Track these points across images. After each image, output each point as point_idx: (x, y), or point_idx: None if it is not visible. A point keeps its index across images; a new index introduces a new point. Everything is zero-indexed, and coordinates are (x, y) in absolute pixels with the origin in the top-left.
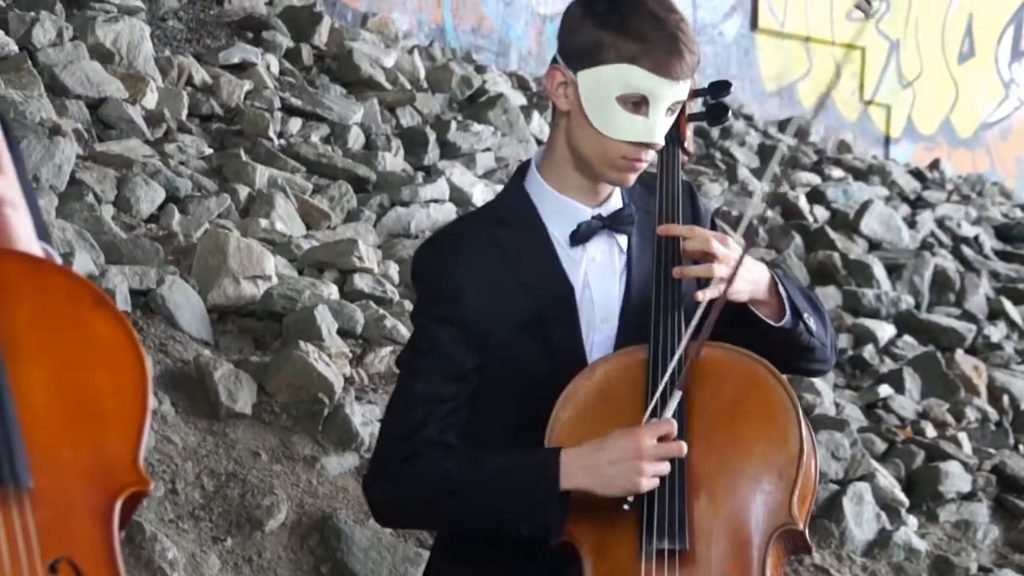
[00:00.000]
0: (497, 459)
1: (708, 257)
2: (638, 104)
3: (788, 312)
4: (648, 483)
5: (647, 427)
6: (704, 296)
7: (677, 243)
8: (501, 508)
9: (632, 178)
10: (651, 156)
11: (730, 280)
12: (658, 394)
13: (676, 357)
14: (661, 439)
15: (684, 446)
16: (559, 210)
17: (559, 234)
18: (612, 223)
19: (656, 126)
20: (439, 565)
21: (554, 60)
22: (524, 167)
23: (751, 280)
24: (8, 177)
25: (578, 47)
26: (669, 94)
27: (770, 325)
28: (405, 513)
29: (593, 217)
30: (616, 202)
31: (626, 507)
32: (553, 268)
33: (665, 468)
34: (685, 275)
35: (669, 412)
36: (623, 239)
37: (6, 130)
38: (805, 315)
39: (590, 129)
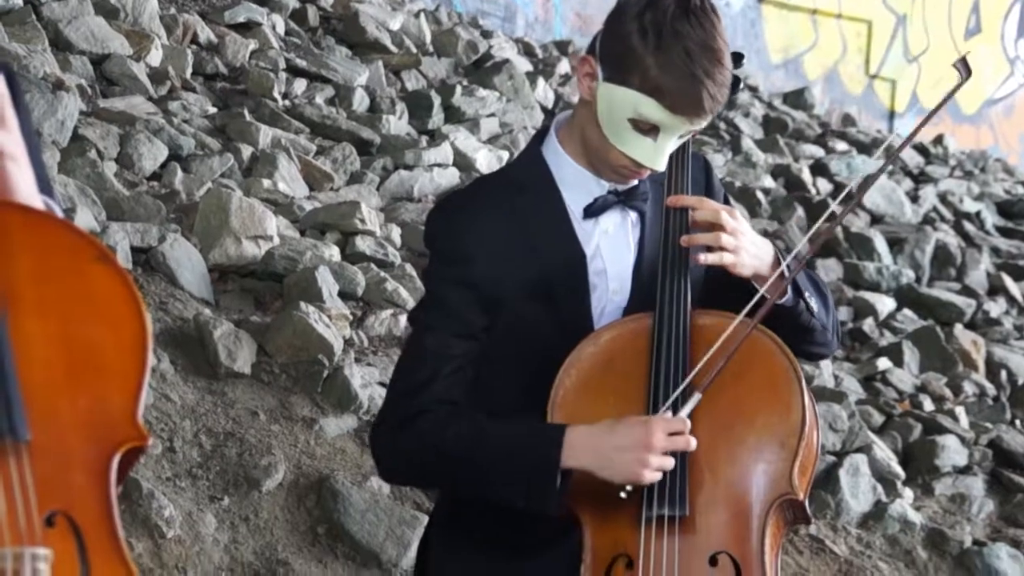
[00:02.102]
0: (501, 430)
1: (716, 228)
2: (649, 130)
3: (790, 290)
4: (651, 476)
5: (661, 421)
6: (705, 259)
7: (686, 213)
8: (500, 481)
9: (630, 182)
10: (648, 173)
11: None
12: (679, 390)
13: (704, 358)
14: (671, 436)
15: (693, 441)
16: (576, 179)
17: (574, 203)
18: (627, 198)
19: (663, 153)
20: (440, 530)
21: (591, 48)
22: (543, 132)
23: (755, 255)
24: (10, 130)
25: (613, 53)
26: (683, 128)
27: (773, 303)
28: (404, 470)
29: (609, 192)
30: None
31: (623, 495)
32: (566, 236)
33: (669, 463)
34: (692, 243)
35: (686, 411)
36: (636, 213)
37: (12, 82)
38: (806, 294)
39: (600, 131)
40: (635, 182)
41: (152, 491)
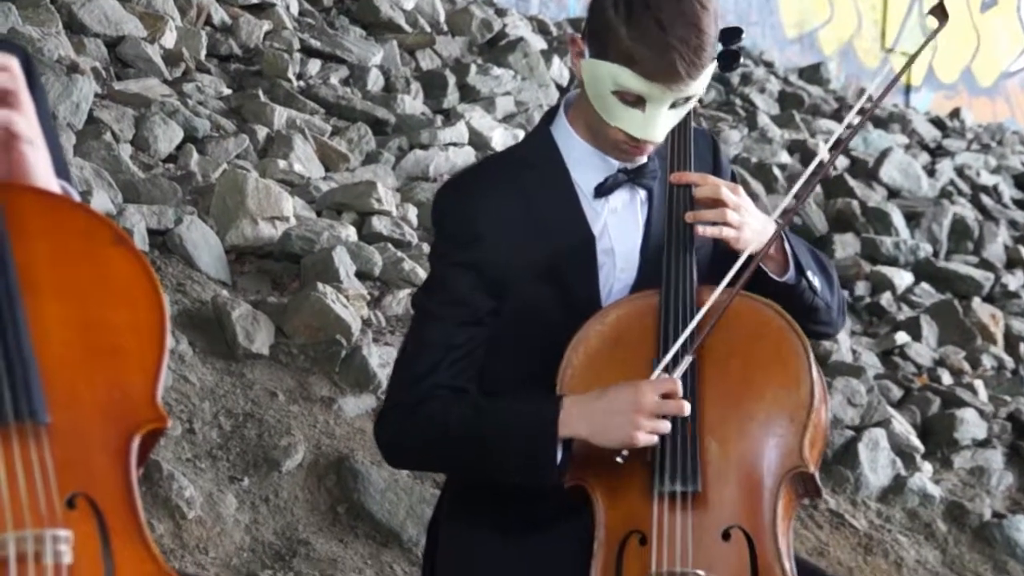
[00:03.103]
0: (499, 405)
1: (718, 204)
2: (635, 101)
3: (792, 268)
4: (645, 438)
5: (650, 382)
6: (704, 231)
7: (690, 189)
8: (500, 456)
9: (639, 158)
10: (651, 147)
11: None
12: (671, 353)
13: (695, 321)
14: (665, 397)
15: (686, 405)
16: (585, 158)
17: (583, 182)
18: (636, 177)
19: (655, 123)
20: (450, 507)
21: (578, 35)
22: (552, 111)
23: (760, 232)
24: (27, 114)
25: (593, 29)
26: (667, 96)
27: (773, 280)
28: (409, 456)
29: (619, 171)
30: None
31: (619, 460)
32: (575, 216)
33: (665, 426)
34: (697, 219)
35: (678, 373)
36: (644, 192)
37: (29, 66)
38: (809, 273)
39: (594, 109)
40: (643, 160)
41: (172, 472)
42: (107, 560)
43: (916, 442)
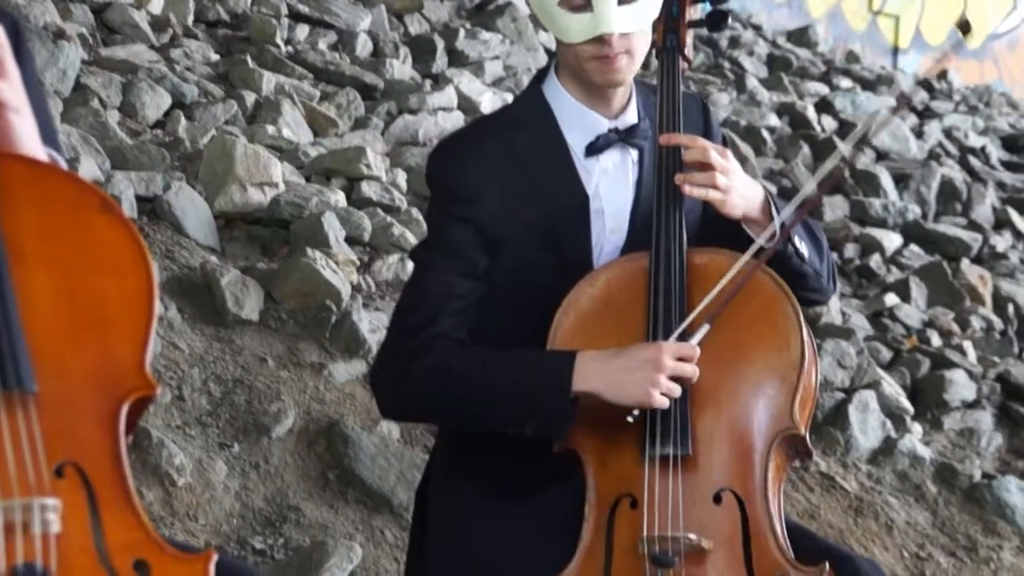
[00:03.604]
0: (508, 356)
1: (707, 167)
2: (580, 7)
3: (777, 232)
4: (659, 399)
5: (672, 345)
6: (691, 191)
7: (679, 151)
8: (509, 406)
9: (617, 73)
10: (622, 46)
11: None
12: (690, 318)
13: (715, 291)
14: (680, 361)
15: (696, 370)
16: (576, 118)
17: (574, 141)
18: (627, 136)
19: (607, 15)
20: (439, 470)
21: None
22: (543, 71)
23: (745, 196)
24: (12, 82)
25: None
26: None
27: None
28: (410, 407)
29: (610, 130)
30: (632, 115)
31: (630, 419)
32: (568, 176)
33: (676, 390)
34: (686, 182)
35: (696, 339)
36: (636, 152)
37: (17, 33)
38: (796, 239)
39: (563, 47)
40: (635, 119)
41: (162, 439)
42: (96, 528)
43: (906, 404)
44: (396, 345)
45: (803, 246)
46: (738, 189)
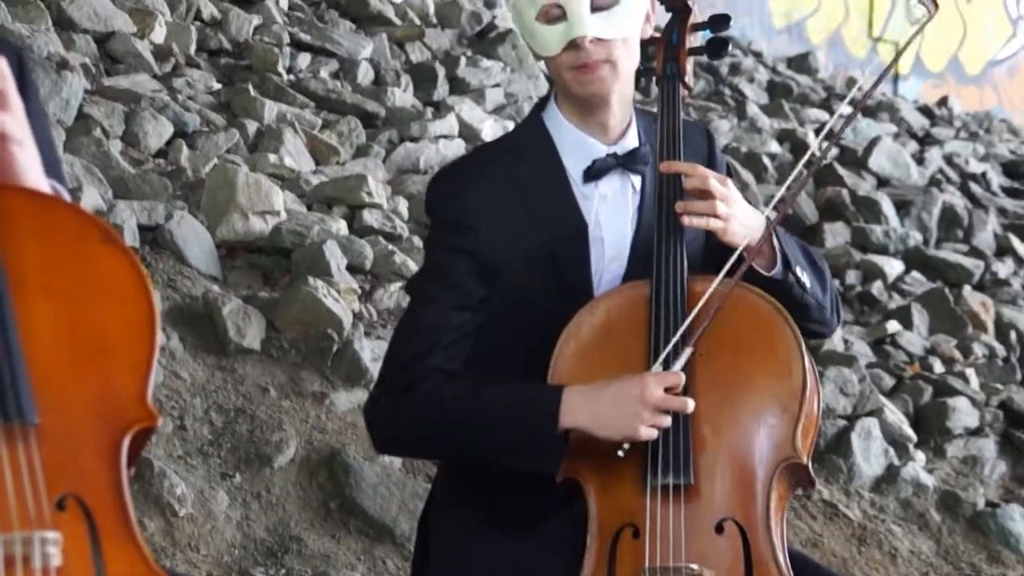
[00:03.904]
0: (498, 391)
1: (707, 195)
2: (556, 17)
3: (779, 263)
4: (647, 432)
5: (655, 376)
6: (691, 221)
7: (679, 179)
8: (498, 442)
9: (596, 83)
10: (598, 54)
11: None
12: (670, 345)
13: (693, 313)
14: (667, 391)
15: (690, 402)
16: (575, 145)
17: (574, 169)
18: (627, 162)
19: (578, 22)
20: (440, 503)
21: None
22: (544, 100)
23: (747, 226)
24: (15, 114)
25: None
26: None
27: (761, 274)
28: (401, 440)
29: (608, 155)
30: (632, 140)
31: (621, 453)
32: (567, 204)
33: (666, 421)
34: (686, 210)
35: (678, 366)
36: (637, 179)
37: (22, 66)
38: (797, 269)
39: (551, 67)
40: (635, 144)
41: (163, 469)
42: (97, 562)
43: (909, 431)
44: (390, 378)
45: (804, 276)
46: (739, 218)
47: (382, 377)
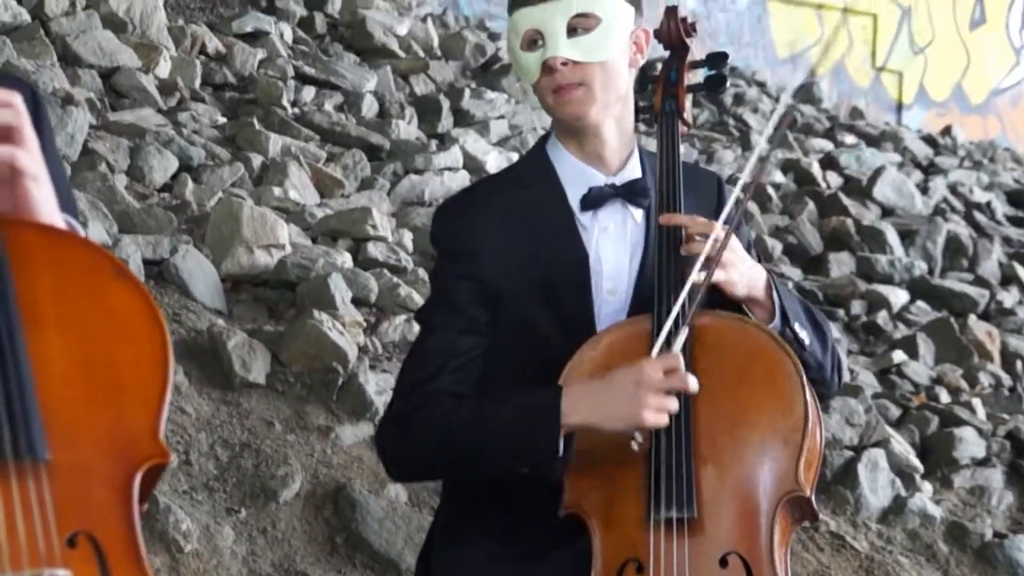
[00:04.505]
0: (500, 400)
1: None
2: (535, 41)
3: (778, 317)
4: (653, 417)
5: (650, 359)
6: (694, 272)
7: (680, 230)
8: (503, 447)
9: (572, 105)
10: (572, 76)
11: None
12: (664, 330)
13: (683, 294)
14: (667, 374)
15: (692, 379)
16: (576, 175)
17: (575, 199)
18: (626, 193)
19: (552, 45)
20: (442, 535)
21: None
22: (548, 132)
23: (748, 277)
24: (30, 150)
25: None
26: (556, 14)
27: None
28: (413, 462)
29: (606, 185)
30: (632, 173)
31: (635, 447)
32: (569, 234)
33: (672, 404)
34: (691, 252)
35: (676, 346)
36: (638, 213)
37: (36, 102)
38: (796, 325)
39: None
40: (636, 175)
41: (169, 505)
42: None
43: (915, 462)
44: (398, 402)
45: (803, 333)
46: (740, 270)
47: (391, 403)
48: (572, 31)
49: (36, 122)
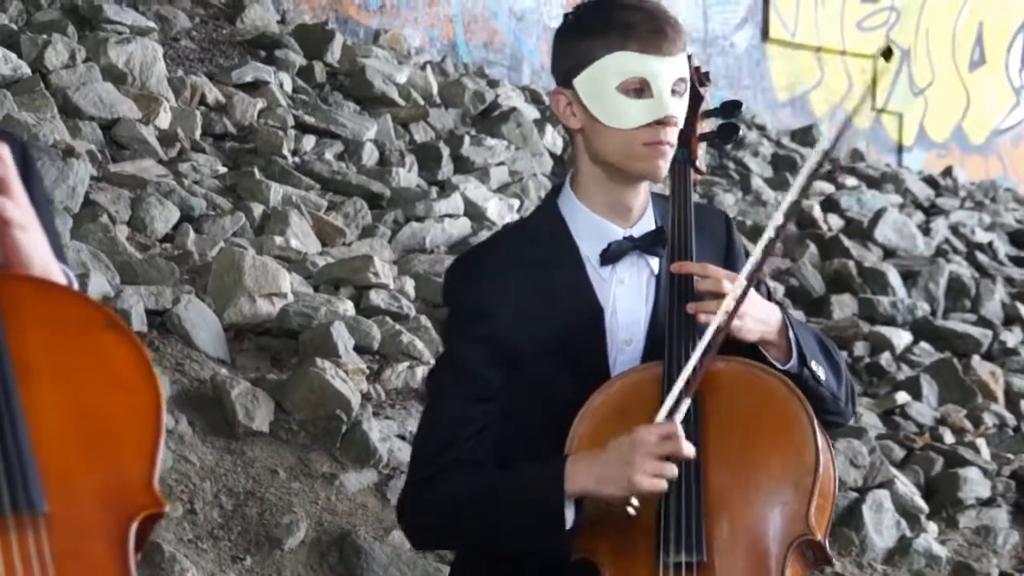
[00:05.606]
0: (507, 473)
1: (721, 295)
2: (640, 90)
3: (795, 356)
4: (649, 482)
5: (646, 427)
6: (705, 320)
7: (691, 277)
8: (507, 522)
9: (663, 165)
10: (673, 136)
11: (734, 312)
12: (669, 401)
13: (689, 366)
14: (664, 440)
15: (688, 446)
16: (591, 229)
17: (590, 254)
18: (643, 244)
19: (664, 102)
20: None
21: (556, 89)
22: (559, 185)
23: (762, 320)
24: (16, 199)
25: (569, 62)
26: (666, 71)
27: (776, 367)
28: (428, 533)
29: (624, 238)
30: (648, 224)
31: (632, 511)
32: (584, 289)
33: (671, 471)
34: (700, 311)
35: (678, 417)
36: (654, 261)
37: (25, 155)
38: (813, 363)
39: (604, 129)
40: (651, 226)
41: (174, 554)
42: None
43: (920, 502)
44: (413, 474)
45: (820, 369)
46: (753, 314)
47: (408, 475)
48: (674, 92)
49: (26, 175)
